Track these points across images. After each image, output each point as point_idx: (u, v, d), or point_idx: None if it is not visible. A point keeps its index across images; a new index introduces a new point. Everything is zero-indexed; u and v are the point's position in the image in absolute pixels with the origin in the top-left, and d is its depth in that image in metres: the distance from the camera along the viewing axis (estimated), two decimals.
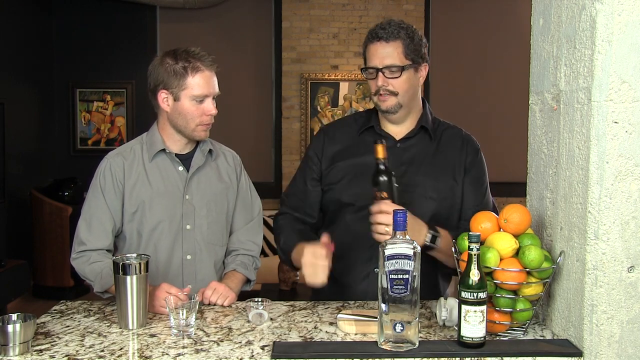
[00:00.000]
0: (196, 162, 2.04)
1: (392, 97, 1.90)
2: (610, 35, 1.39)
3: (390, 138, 1.97)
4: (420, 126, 1.98)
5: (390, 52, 1.88)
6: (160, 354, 1.44)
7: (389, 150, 1.80)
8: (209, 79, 1.95)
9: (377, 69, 1.89)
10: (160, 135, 2.02)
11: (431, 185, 1.92)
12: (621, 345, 1.43)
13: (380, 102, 1.91)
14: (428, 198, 1.91)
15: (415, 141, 1.98)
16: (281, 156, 6.55)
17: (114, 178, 1.97)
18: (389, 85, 1.89)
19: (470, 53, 6.62)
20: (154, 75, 1.96)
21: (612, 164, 1.41)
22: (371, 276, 1.92)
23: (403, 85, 1.89)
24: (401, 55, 1.88)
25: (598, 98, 1.41)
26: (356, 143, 2.01)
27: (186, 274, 2.01)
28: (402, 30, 1.89)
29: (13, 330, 1.42)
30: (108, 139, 6.54)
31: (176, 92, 1.93)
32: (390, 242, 1.43)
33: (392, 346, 1.43)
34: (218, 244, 2.08)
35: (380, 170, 1.73)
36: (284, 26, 6.46)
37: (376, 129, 1.99)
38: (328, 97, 6.48)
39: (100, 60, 6.47)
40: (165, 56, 1.96)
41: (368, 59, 1.92)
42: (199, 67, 1.92)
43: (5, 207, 5.49)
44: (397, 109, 1.92)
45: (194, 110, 1.93)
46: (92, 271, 1.93)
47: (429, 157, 1.96)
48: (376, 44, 1.89)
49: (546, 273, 1.53)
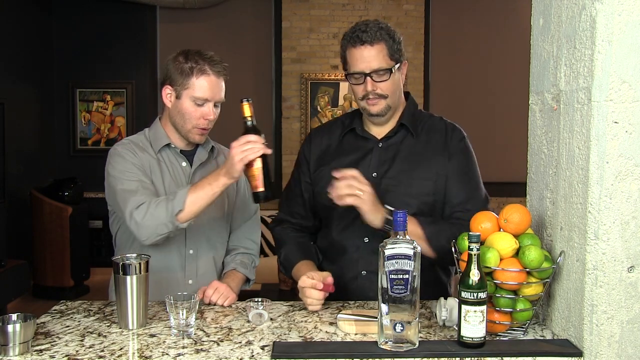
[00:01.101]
0: (199, 157, 2.05)
1: (382, 100, 1.88)
2: (611, 35, 1.39)
3: (372, 139, 1.97)
4: (401, 124, 1.96)
5: (375, 55, 1.84)
6: (160, 354, 1.44)
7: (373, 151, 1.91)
8: (214, 84, 1.93)
9: (365, 73, 1.85)
10: (164, 130, 2.03)
11: (414, 182, 1.91)
12: (621, 345, 1.43)
13: (370, 106, 1.89)
14: (411, 195, 1.90)
15: (396, 139, 1.96)
16: (281, 156, 6.55)
17: (132, 153, 1.95)
18: (378, 89, 1.87)
19: (470, 53, 6.62)
20: (165, 69, 1.98)
21: (612, 164, 1.41)
22: (359, 278, 1.93)
23: (391, 87, 1.88)
24: (387, 57, 1.86)
25: (598, 98, 1.41)
26: (339, 146, 2.01)
27: (188, 269, 2.02)
28: (383, 31, 1.86)
29: (13, 330, 1.42)
30: (108, 139, 6.54)
31: (179, 90, 1.93)
32: (391, 242, 1.43)
33: (392, 346, 1.43)
34: (218, 240, 2.10)
35: (249, 128, 1.76)
36: (284, 26, 6.46)
37: (358, 130, 1.98)
38: (328, 97, 6.48)
39: (100, 60, 6.48)
40: (180, 54, 1.97)
41: (352, 64, 1.88)
42: (205, 70, 1.92)
43: (5, 207, 5.49)
44: (386, 112, 1.91)
45: (192, 111, 1.94)
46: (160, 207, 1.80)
47: (411, 153, 1.95)
48: (360, 48, 1.85)
49: (546, 273, 1.53)
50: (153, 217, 1.80)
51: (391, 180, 1.91)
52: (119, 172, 1.92)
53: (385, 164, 1.93)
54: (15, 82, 5.78)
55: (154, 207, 1.81)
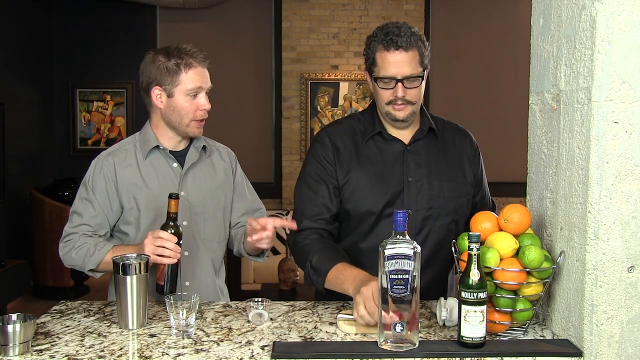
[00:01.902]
0: (190, 158, 2.04)
1: (409, 107, 1.86)
2: (611, 35, 1.39)
3: (398, 143, 1.94)
4: (430, 128, 1.96)
5: (409, 62, 1.81)
6: (160, 354, 1.44)
7: (400, 154, 1.91)
8: (202, 74, 1.96)
9: (397, 79, 1.82)
10: (153, 133, 2.02)
11: (448, 185, 1.92)
12: (621, 345, 1.43)
13: (396, 111, 1.86)
14: (448, 198, 1.91)
15: (423, 143, 1.96)
16: (281, 156, 6.55)
17: (106, 179, 1.97)
18: (407, 96, 1.84)
19: (470, 53, 6.62)
20: (146, 73, 1.98)
21: (612, 164, 1.41)
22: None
23: (419, 94, 1.87)
24: (418, 64, 1.83)
25: (598, 98, 1.41)
26: (363, 150, 1.94)
27: (184, 271, 2.00)
28: (416, 37, 1.83)
29: (13, 330, 1.42)
30: (108, 139, 6.54)
31: (169, 88, 1.94)
32: (391, 242, 1.43)
33: (392, 346, 1.43)
34: (215, 240, 2.08)
35: (170, 226, 1.79)
36: (284, 26, 6.46)
37: (384, 134, 1.94)
38: (328, 97, 6.48)
39: (100, 60, 6.48)
40: (157, 54, 1.97)
41: (382, 67, 1.83)
42: (191, 64, 1.94)
43: (5, 207, 5.50)
44: (411, 118, 1.89)
45: (187, 106, 1.94)
46: (78, 256, 1.93)
47: (440, 157, 1.96)
48: (394, 53, 1.81)
49: (546, 273, 1.53)
50: (71, 258, 1.95)
51: (428, 183, 1.91)
52: (79, 202, 2.00)
53: (420, 168, 1.92)
54: (15, 82, 5.78)
55: (74, 252, 1.94)
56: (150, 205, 1.97)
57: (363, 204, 1.89)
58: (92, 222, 1.96)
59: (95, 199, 1.96)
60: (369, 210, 1.89)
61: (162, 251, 1.75)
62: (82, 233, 1.95)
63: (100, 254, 1.89)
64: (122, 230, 2.00)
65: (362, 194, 1.90)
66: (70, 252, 1.94)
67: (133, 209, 1.97)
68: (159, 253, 1.75)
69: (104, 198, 1.97)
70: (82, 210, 1.97)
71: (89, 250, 1.91)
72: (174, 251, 1.76)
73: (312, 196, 1.92)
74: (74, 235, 1.96)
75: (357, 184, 1.90)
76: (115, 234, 2.03)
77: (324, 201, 1.91)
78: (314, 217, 1.91)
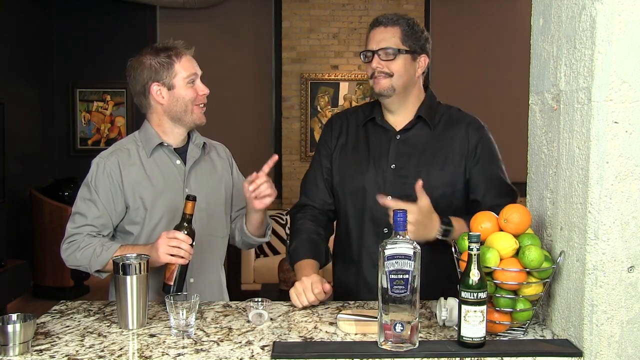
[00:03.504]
0: (192, 155, 2.05)
1: (387, 79, 1.92)
2: (611, 35, 1.39)
3: (390, 130, 2.00)
4: (418, 116, 1.98)
5: (386, 37, 1.92)
6: (160, 354, 1.44)
7: (391, 142, 1.96)
8: (192, 61, 2.02)
9: (373, 51, 1.92)
10: (154, 131, 2.02)
11: (430, 174, 1.93)
12: (621, 345, 1.43)
13: (375, 84, 1.94)
14: (431, 187, 1.90)
15: (414, 132, 1.99)
16: (281, 156, 6.55)
17: (110, 179, 1.96)
18: (384, 68, 1.91)
19: (470, 53, 6.62)
20: (139, 77, 1.99)
21: (612, 164, 1.41)
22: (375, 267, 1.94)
23: (398, 68, 1.92)
24: (398, 40, 1.92)
25: (598, 98, 1.41)
26: (358, 134, 2.05)
27: (190, 267, 2.01)
28: (403, 20, 1.94)
29: (13, 330, 1.42)
30: (108, 139, 6.54)
31: (168, 81, 1.96)
32: (391, 242, 1.43)
33: (392, 346, 1.43)
34: (219, 235, 2.10)
35: (184, 226, 1.79)
36: (284, 26, 6.46)
37: (377, 120, 2.01)
38: (328, 97, 6.48)
39: (100, 60, 6.47)
40: (142, 56, 1.99)
41: (367, 44, 1.96)
42: (180, 52, 1.99)
43: (5, 207, 5.50)
44: (390, 93, 1.93)
45: (189, 93, 1.98)
46: (84, 256, 1.91)
47: (429, 146, 1.97)
48: (375, 29, 1.94)
49: (546, 273, 1.53)
50: (76, 259, 1.93)
51: (408, 172, 1.94)
52: (81, 202, 1.99)
53: (403, 157, 1.96)
54: (15, 82, 5.78)
55: (79, 252, 1.92)
56: (156, 203, 1.97)
57: (347, 185, 2.01)
58: (96, 223, 1.95)
59: (99, 199, 1.95)
60: (352, 191, 1.99)
61: (177, 251, 1.76)
62: (86, 233, 1.94)
63: (108, 254, 1.88)
64: (127, 230, 2.00)
65: (346, 176, 2.01)
66: (74, 252, 1.93)
67: (139, 209, 1.97)
68: (174, 253, 1.76)
69: (108, 198, 1.96)
70: (85, 210, 1.96)
71: (95, 250, 1.90)
72: (188, 252, 1.77)
73: (313, 176, 2.10)
74: (77, 235, 1.95)
75: (340, 166, 2.03)
76: (118, 233, 2.03)
77: (320, 183, 2.08)
78: (312, 197, 2.09)
